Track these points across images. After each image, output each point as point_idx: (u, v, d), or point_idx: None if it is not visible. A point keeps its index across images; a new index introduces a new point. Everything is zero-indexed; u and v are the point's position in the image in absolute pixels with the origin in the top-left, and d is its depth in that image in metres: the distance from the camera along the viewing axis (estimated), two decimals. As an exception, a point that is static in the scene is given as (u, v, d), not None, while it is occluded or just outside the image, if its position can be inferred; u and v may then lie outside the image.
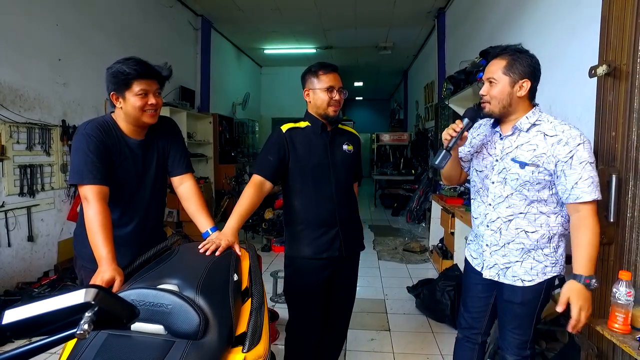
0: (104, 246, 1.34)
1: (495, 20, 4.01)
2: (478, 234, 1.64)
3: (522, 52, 1.44)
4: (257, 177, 1.72)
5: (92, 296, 0.58)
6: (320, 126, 1.80)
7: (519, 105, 1.46)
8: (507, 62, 1.43)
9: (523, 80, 1.41)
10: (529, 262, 1.49)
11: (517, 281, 1.51)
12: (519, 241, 1.49)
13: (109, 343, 0.96)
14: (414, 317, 3.10)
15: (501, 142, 1.52)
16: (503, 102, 1.45)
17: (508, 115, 1.49)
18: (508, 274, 1.53)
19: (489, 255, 1.57)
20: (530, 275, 1.49)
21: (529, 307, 1.52)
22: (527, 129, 1.45)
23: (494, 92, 1.45)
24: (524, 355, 1.56)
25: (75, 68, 3.80)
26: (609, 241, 1.55)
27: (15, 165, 3.17)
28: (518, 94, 1.43)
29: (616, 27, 1.51)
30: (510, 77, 1.42)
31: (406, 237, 5.74)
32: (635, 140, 1.47)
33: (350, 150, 1.87)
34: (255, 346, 1.07)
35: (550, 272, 1.49)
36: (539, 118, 1.45)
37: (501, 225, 1.52)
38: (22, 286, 3.12)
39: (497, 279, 1.56)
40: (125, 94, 1.50)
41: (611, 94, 1.53)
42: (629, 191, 1.50)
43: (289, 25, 6.99)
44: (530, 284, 1.49)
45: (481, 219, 1.60)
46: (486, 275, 1.58)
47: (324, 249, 1.78)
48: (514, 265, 1.51)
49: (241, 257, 1.47)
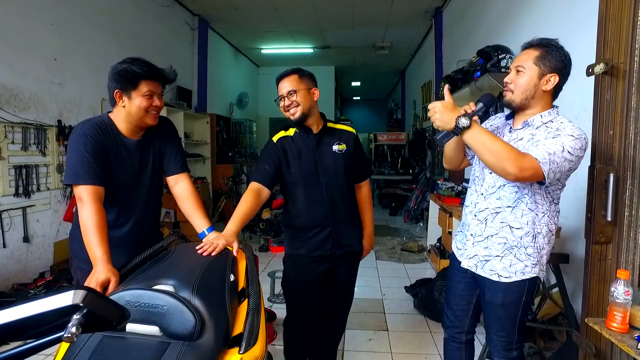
0: (99, 247, 1.32)
1: (492, 19, 4.02)
2: (465, 222, 1.65)
3: (558, 47, 1.42)
4: (255, 185, 1.79)
5: (81, 298, 0.57)
6: (304, 130, 1.84)
7: (540, 100, 1.44)
8: (540, 53, 1.41)
9: (552, 74, 1.40)
10: (509, 259, 1.49)
11: (494, 275, 1.51)
12: (502, 235, 1.49)
13: (104, 344, 0.95)
14: (411, 316, 3.10)
15: (509, 135, 1.52)
16: (527, 93, 1.43)
17: (526, 108, 1.47)
18: (486, 267, 1.53)
19: (471, 245, 1.58)
20: (508, 272, 1.49)
21: (510, 309, 1.51)
22: (537, 127, 1.44)
23: (520, 81, 1.43)
24: (510, 356, 1.55)
25: (71, 68, 3.77)
26: (606, 240, 1.55)
27: (10, 165, 3.14)
28: (543, 88, 1.41)
29: (613, 26, 1.50)
30: (540, 68, 1.40)
31: (404, 236, 5.74)
32: (632, 138, 1.47)
33: (342, 150, 1.86)
34: (252, 347, 1.06)
35: (530, 272, 1.48)
36: (552, 120, 1.43)
37: (488, 216, 1.52)
38: (17, 287, 3.10)
39: (474, 270, 1.56)
40: (131, 93, 1.50)
41: (609, 92, 1.53)
42: (626, 190, 1.50)
43: (286, 25, 6.98)
44: (507, 280, 1.49)
45: (471, 208, 1.61)
46: (464, 264, 1.59)
47: (316, 248, 1.84)
48: (493, 259, 1.51)
49: (238, 258, 1.46)
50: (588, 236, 1.58)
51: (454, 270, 1.71)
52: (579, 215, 2.15)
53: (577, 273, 2.21)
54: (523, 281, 1.48)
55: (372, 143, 10.19)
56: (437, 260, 4.04)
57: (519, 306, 1.51)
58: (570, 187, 1.48)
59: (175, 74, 1.63)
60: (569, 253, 2.15)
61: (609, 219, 1.52)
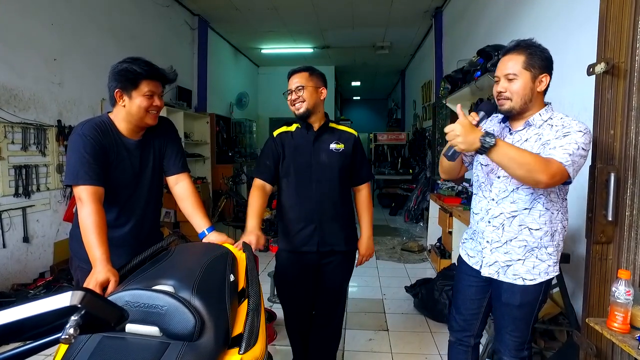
0: (99, 247, 1.32)
1: (492, 19, 4.01)
2: (477, 230, 1.61)
3: (536, 46, 1.43)
4: (257, 181, 1.90)
5: (79, 299, 0.56)
6: (305, 126, 1.89)
7: (537, 101, 1.45)
8: (526, 57, 1.41)
9: (543, 75, 1.41)
10: (532, 261, 1.47)
11: (518, 280, 1.48)
12: (521, 238, 1.48)
13: (104, 345, 0.94)
14: (412, 316, 3.10)
15: (511, 137, 1.51)
16: (525, 98, 1.43)
17: (525, 112, 1.47)
18: (509, 272, 1.50)
19: (489, 253, 1.55)
20: (532, 274, 1.47)
21: (527, 309, 1.50)
22: (539, 126, 1.44)
23: (515, 88, 1.42)
24: (521, 356, 1.55)
25: (70, 67, 3.77)
26: (607, 240, 1.55)
27: (10, 165, 3.14)
28: (538, 89, 1.42)
29: (614, 25, 1.50)
30: (532, 71, 1.40)
31: (404, 236, 5.73)
32: (633, 138, 1.47)
33: (339, 149, 1.88)
34: (252, 347, 1.06)
35: (553, 271, 1.48)
36: (551, 116, 1.44)
37: (504, 221, 1.50)
38: (17, 288, 3.10)
39: (496, 277, 1.53)
40: (132, 93, 1.51)
41: (609, 92, 1.52)
42: (627, 189, 1.50)
43: (286, 24, 6.97)
44: (532, 282, 1.47)
45: (482, 215, 1.58)
46: (485, 273, 1.56)
47: (302, 243, 1.89)
48: (515, 263, 1.49)
49: (238, 258, 1.45)
50: (589, 236, 1.58)
51: (463, 274, 1.69)
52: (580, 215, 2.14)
53: (578, 273, 2.20)
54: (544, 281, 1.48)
55: (372, 143, 10.18)
56: (438, 260, 4.04)
57: (535, 306, 1.51)
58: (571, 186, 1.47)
59: (175, 74, 1.63)
60: (569, 253, 2.15)
61: (610, 218, 1.51)
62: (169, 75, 1.60)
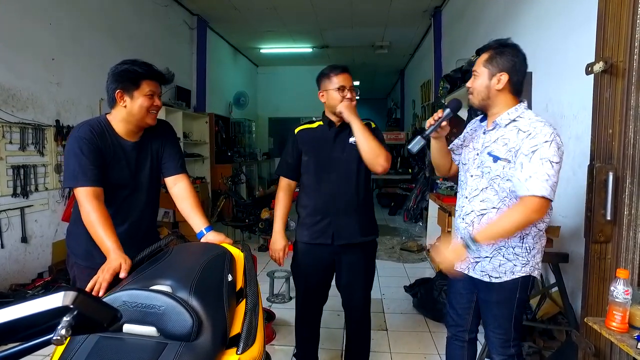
0: (108, 238, 1.36)
1: (491, 18, 4.01)
2: (456, 226, 1.68)
3: (508, 46, 1.46)
4: (283, 180, 2.00)
5: (71, 300, 0.55)
6: (328, 123, 1.92)
7: (497, 99, 1.49)
8: (489, 56, 1.48)
9: (501, 74, 1.45)
10: (498, 259, 1.51)
11: (485, 277, 1.53)
12: None
13: (101, 345, 0.94)
14: (411, 316, 3.10)
15: (483, 137, 1.56)
16: (481, 95, 1.50)
17: (488, 109, 1.53)
18: (477, 268, 1.56)
19: None
20: (498, 272, 1.51)
21: (504, 306, 1.53)
22: (505, 125, 1.47)
23: (475, 85, 1.52)
24: (508, 354, 1.56)
25: (69, 67, 3.76)
26: (606, 239, 1.54)
27: (8, 165, 3.13)
28: (496, 87, 1.46)
29: (613, 24, 1.50)
30: (489, 70, 1.46)
31: (403, 236, 5.73)
32: (632, 137, 1.47)
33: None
34: (250, 347, 1.06)
35: (520, 271, 1.49)
36: (520, 115, 1.46)
37: (474, 218, 1.54)
38: (15, 288, 3.09)
39: (466, 272, 1.59)
40: (133, 93, 1.53)
41: (608, 91, 1.52)
42: (626, 189, 1.49)
43: (285, 24, 6.97)
44: (497, 281, 1.51)
45: (459, 212, 1.64)
46: (457, 267, 1.61)
47: (318, 235, 1.91)
48: (483, 260, 1.54)
49: (236, 257, 1.45)
50: (587, 235, 1.58)
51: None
52: (579, 214, 2.14)
53: (577, 272, 2.20)
54: (514, 279, 1.50)
55: (371, 142, 10.16)
56: (437, 259, 4.04)
57: (513, 303, 1.52)
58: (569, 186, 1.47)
59: (172, 76, 1.66)
60: (568, 252, 2.15)
61: (609, 218, 1.51)
62: (166, 75, 1.62)
